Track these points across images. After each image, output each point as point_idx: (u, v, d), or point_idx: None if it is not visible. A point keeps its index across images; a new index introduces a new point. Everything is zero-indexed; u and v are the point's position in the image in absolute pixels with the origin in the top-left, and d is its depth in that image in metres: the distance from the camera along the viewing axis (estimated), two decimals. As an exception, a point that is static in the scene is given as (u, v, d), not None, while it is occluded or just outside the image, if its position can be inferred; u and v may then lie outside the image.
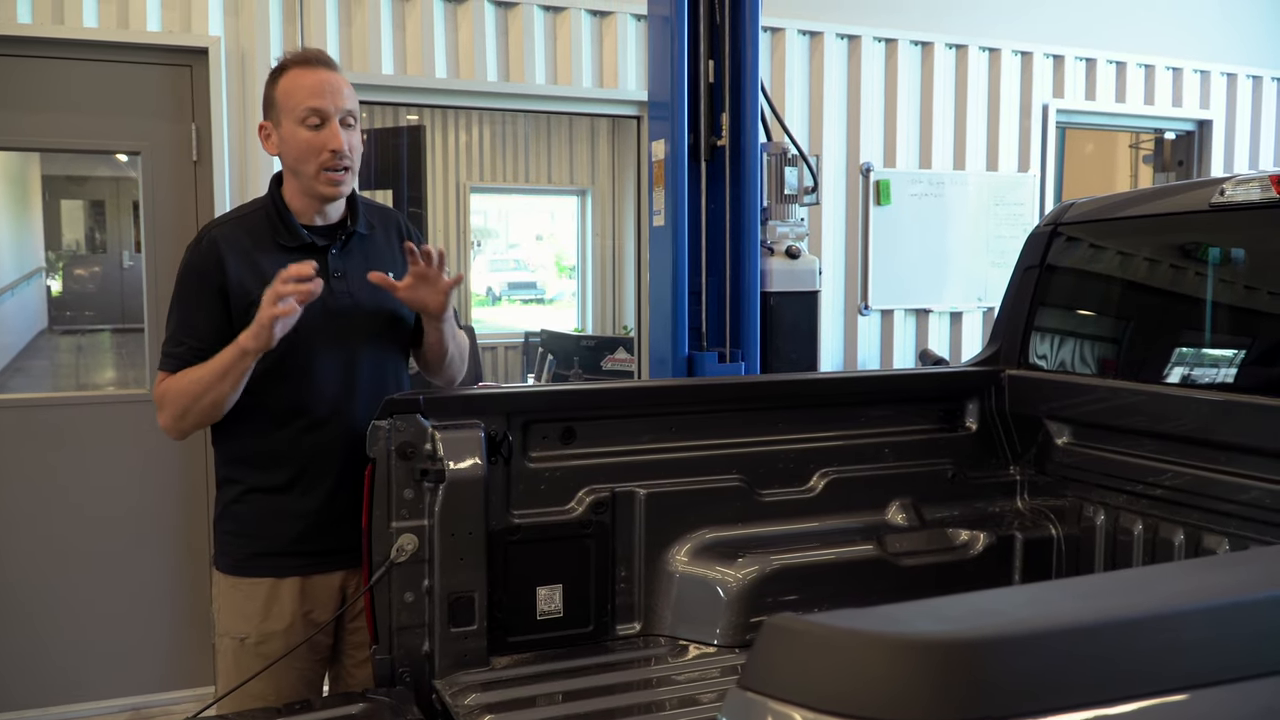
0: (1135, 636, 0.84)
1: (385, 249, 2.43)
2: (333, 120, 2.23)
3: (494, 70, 4.40)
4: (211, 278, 2.23)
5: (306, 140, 2.23)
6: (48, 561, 3.97)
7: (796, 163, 3.87)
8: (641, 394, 2.65)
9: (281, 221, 2.30)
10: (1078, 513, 2.64)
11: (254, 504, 2.31)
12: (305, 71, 2.25)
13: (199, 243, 2.30)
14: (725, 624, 2.36)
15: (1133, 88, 5.57)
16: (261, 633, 2.28)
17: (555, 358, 7.58)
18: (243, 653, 2.28)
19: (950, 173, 5.21)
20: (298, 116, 2.23)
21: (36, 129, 3.92)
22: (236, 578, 2.32)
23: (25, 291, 7.62)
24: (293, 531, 2.29)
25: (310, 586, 2.31)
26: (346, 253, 2.34)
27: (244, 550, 2.32)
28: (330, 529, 2.29)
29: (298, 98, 2.23)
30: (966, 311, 5.30)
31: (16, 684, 3.96)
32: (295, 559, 2.29)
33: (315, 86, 2.23)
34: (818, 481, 2.61)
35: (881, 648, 0.80)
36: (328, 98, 2.23)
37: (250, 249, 2.26)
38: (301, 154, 2.24)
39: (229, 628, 2.32)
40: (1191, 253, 2.55)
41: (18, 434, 3.95)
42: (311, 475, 2.28)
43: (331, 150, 2.22)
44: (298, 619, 2.29)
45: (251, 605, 2.29)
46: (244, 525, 2.32)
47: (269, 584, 2.29)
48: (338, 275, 2.30)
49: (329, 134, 2.23)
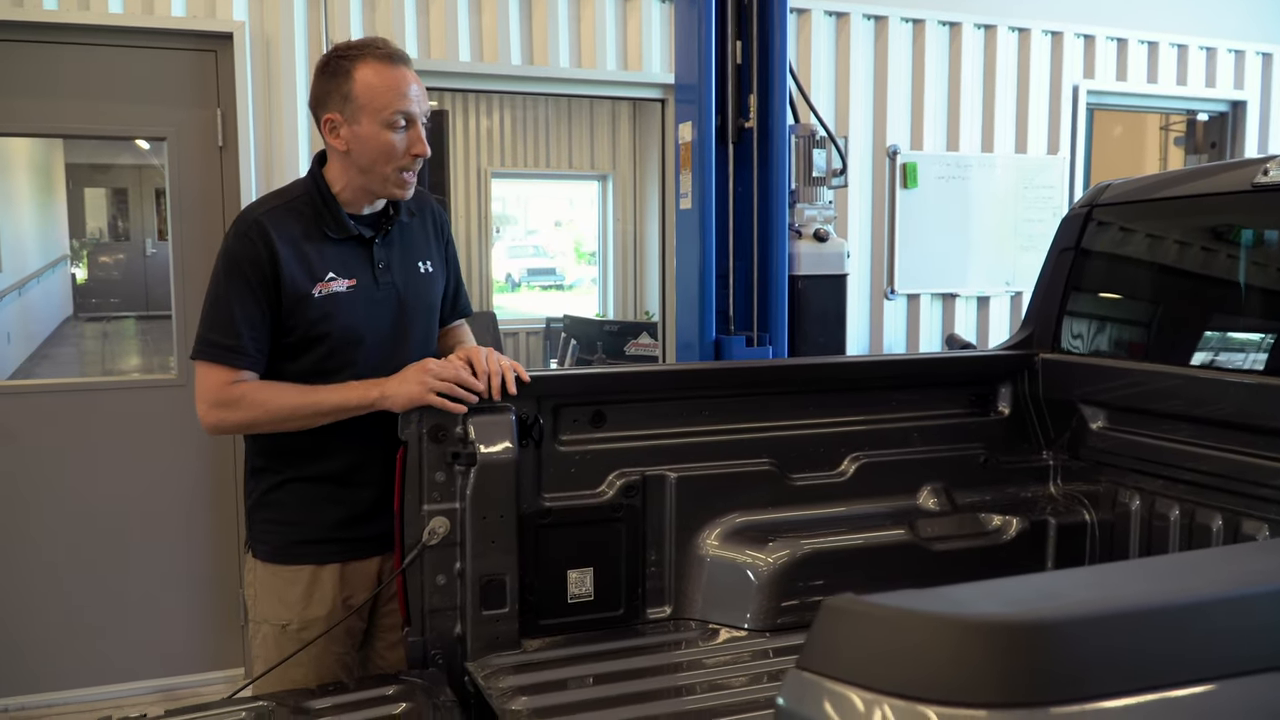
0: (1204, 619, 0.82)
1: (422, 236, 2.40)
2: (418, 124, 2.20)
3: (518, 53, 4.38)
4: (263, 267, 2.16)
5: (391, 143, 2.17)
6: (76, 545, 4.00)
7: (825, 145, 3.83)
8: (672, 378, 2.63)
9: (329, 212, 2.24)
10: (1112, 498, 2.61)
11: (294, 493, 2.29)
12: (388, 69, 2.17)
13: (248, 230, 2.19)
14: (756, 608, 2.35)
15: (1165, 68, 5.50)
16: (304, 619, 2.27)
17: (578, 343, 7.57)
18: (284, 639, 2.28)
19: (978, 155, 5.16)
20: (384, 119, 2.16)
21: (62, 115, 3.93)
22: (276, 565, 2.31)
23: (51, 279, 7.67)
24: (334, 519, 2.28)
25: (349, 572, 2.30)
26: (388, 242, 2.31)
27: (284, 538, 2.30)
28: (370, 517, 2.28)
29: (386, 99, 2.16)
30: (994, 296, 5.25)
31: (47, 666, 4.00)
32: (335, 545, 2.29)
33: (403, 88, 2.17)
34: (848, 466, 2.60)
35: (945, 629, 0.78)
36: (417, 101, 2.19)
37: (300, 240, 2.21)
38: (383, 155, 2.19)
39: (268, 614, 2.31)
40: (1231, 234, 2.51)
41: (46, 419, 3.98)
42: (355, 465, 2.27)
43: (415, 154, 2.20)
44: (338, 604, 2.29)
45: (293, 592, 2.29)
46: (284, 514, 2.31)
47: (310, 571, 2.28)
48: (381, 265, 2.27)
49: (414, 138, 2.19)
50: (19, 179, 6.15)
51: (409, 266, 2.33)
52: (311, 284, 2.19)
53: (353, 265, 2.24)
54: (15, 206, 6.00)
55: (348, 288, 2.22)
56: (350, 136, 2.19)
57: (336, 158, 2.25)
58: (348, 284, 2.22)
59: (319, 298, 2.19)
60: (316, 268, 2.20)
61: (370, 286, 2.25)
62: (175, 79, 4.01)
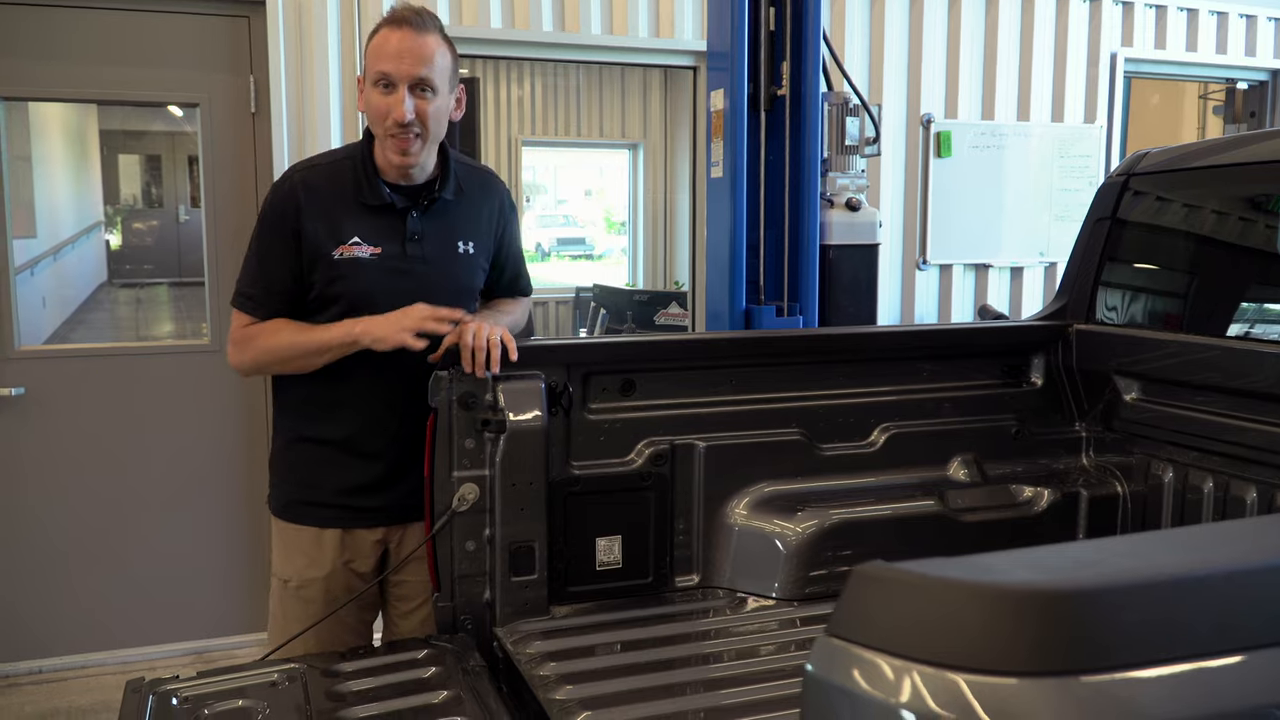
0: (1242, 588, 0.81)
1: (470, 217, 2.39)
2: (400, 87, 2.17)
3: (549, 20, 4.35)
4: (288, 222, 2.24)
5: (375, 104, 2.20)
6: (110, 508, 4.06)
7: (858, 113, 3.79)
8: (701, 347, 2.63)
9: (365, 177, 2.27)
10: (1145, 470, 2.59)
11: (303, 453, 2.34)
12: (391, 32, 2.18)
13: (282, 183, 2.29)
14: (784, 577, 2.36)
15: (1204, 36, 5.39)
16: (302, 578, 2.33)
17: (608, 312, 7.56)
18: (285, 594, 2.35)
19: (1013, 124, 5.08)
20: (371, 78, 2.20)
21: (96, 81, 3.95)
22: (283, 522, 2.38)
23: (85, 245, 7.73)
24: (338, 485, 2.32)
25: (351, 538, 2.34)
26: (428, 215, 2.31)
27: (290, 496, 2.37)
28: (376, 489, 2.31)
29: (375, 59, 2.19)
30: (1028, 267, 5.20)
31: (81, 627, 4.07)
32: (337, 511, 2.32)
33: (393, 49, 2.17)
34: (878, 436, 2.59)
35: (976, 597, 0.78)
36: (401, 62, 2.16)
37: (331, 201, 2.25)
38: (372, 117, 2.23)
39: (276, 568, 2.40)
40: (1270, 204, 2.47)
41: (81, 384, 4.03)
42: (363, 434, 2.30)
43: (394, 118, 2.18)
44: (338, 567, 2.33)
45: (296, 551, 2.35)
46: (291, 473, 2.37)
47: (313, 532, 2.33)
48: (414, 238, 2.28)
49: (394, 100, 2.17)
50: (54, 145, 6.19)
51: (445, 243, 2.33)
52: (333, 245, 2.22)
53: (382, 233, 2.26)
54: (50, 173, 6.05)
55: (370, 255, 2.25)
56: (365, 97, 2.25)
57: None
58: (371, 251, 2.25)
59: (338, 259, 2.23)
60: (342, 230, 2.23)
61: (397, 256, 2.26)
62: (208, 45, 4.02)
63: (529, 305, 2.66)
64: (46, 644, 4.05)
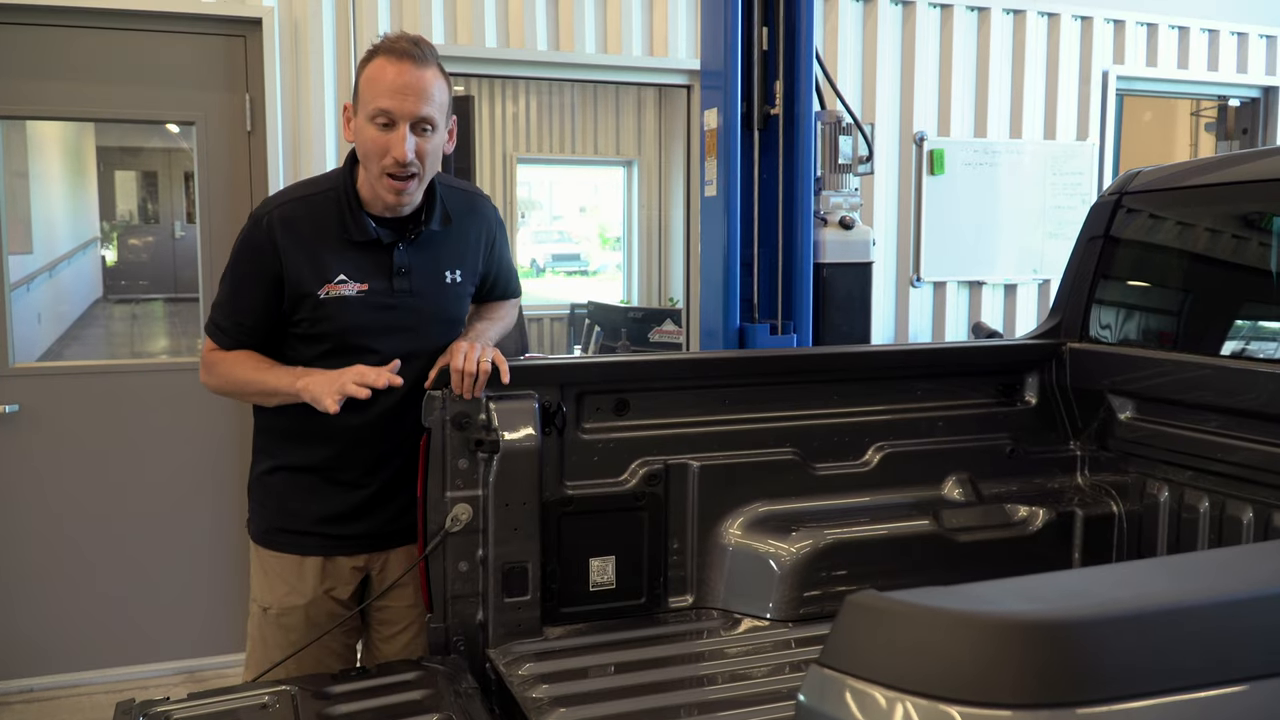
0: (1233, 619, 0.81)
1: (457, 245, 2.32)
2: (401, 125, 2.08)
3: (544, 39, 4.37)
4: (268, 263, 2.17)
5: (372, 139, 2.10)
6: (102, 526, 4.05)
7: (851, 131, 3.80)
8: (695, 366, 2.62)
9: (350, 212, 2.19)
10: (1140, 489, 2.59)
11: (281, 480, 2.31)
12: (390, 63, 2.08)
13: (259, 222, 2.19)
14: (778, 598, 2.35)
15: (1196, 53, 5.42)
16: (283, 605, 2.29)
17: (602, 329, 7.56)
18: (265, 621, 2.31)
19: (1006, 141, 5.11)
20: (369, 112, 2.09)
21: (93, 100, 3.95)
22: (263, 549, 2.34)
23: (81, 261, 7.73)
24: (318, 513, 2.28)
25: (332, 565, 2.30)
26: (414, 247, 2.24)
27: (269, 524, 2.33)
28: (355, 517, 2.28)
29: (373, 92, 2.09)
30: (1021, 284, 5.21)
31: (72, 646, 4.05)
32: (318, 539, 2.29)
33: (394, 85, 2.07)
34: (873, 455, 2.58)
35: (969, 627, 0.77)
36: (404, 100, 2.07)
37: (312, 239, 2.18)
38: (367, 152, 2.13)
39: (254, 594, 2.36)
40: (1263, 222, 2.47)
41: (76, 401, 4.02)
42: (344, 463, 2.27)
43: (393, 158, 2.09)
44: (319, 595, 2.30)
45: (276, 578, 2.31)
46: (272, 500, 2.33)
47: (293, 560, 2.30)
48: (401, 272, 2.22)
49: (395, 139, 2.08)
50: (51, 161, 6.20)
51: (433, 275, 2.28)
52: (318, 285, 2.17)
53: (368, 269, 2.20)
54: (47, 189, 6.05)
55: (357, 292, 2.19)
56: (355, 128, 2.16)
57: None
58: (358, 288, 2.19)
59: (324, 299, 2.18)
60: (328, 269, 2.18)
61: (384, 292, 2.21)
62: (205, 64, 4.02)
63: (517, 304, 2.62)
64: (37, 662, 4.03)
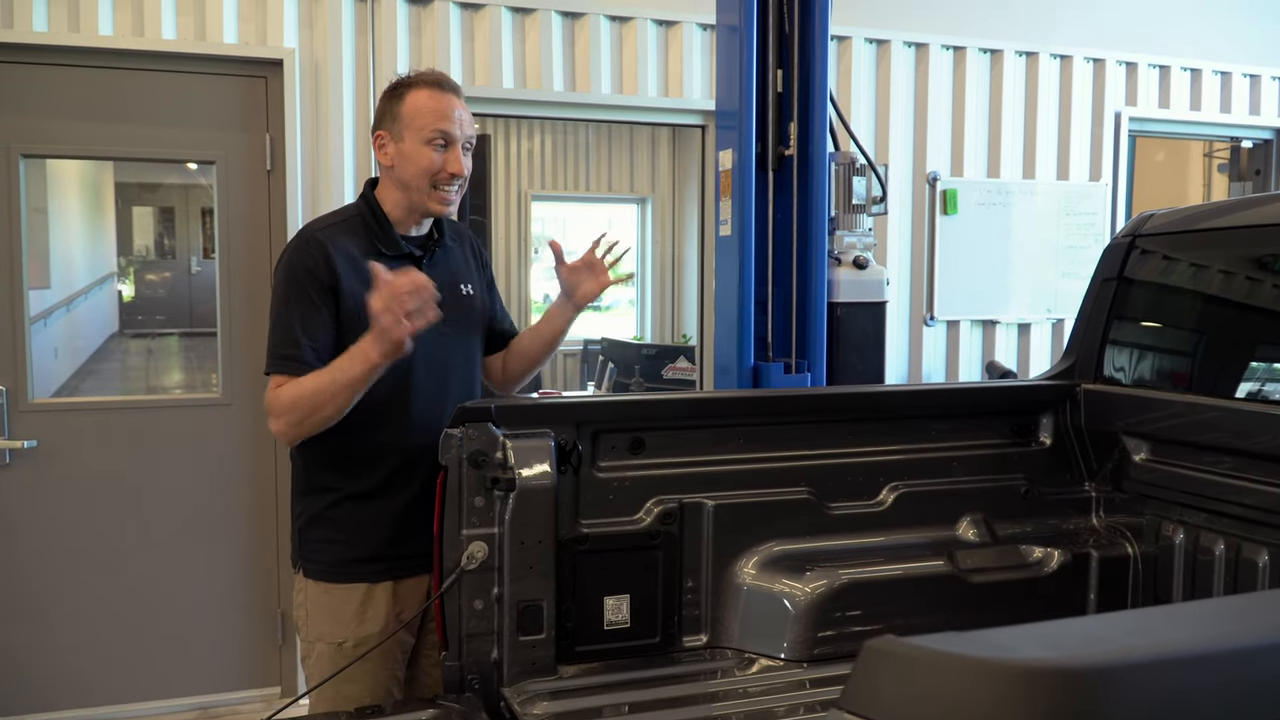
0: (1253, 665, 0.81)
1: (462, 260, 2.56)
2: (456, 145, 2.36)
3: (560, 80, 4.42)
4: (324, 278, 2.26)
5: (430, 159, 2.34)
6: (117, 561, 4.06)
7: (865, 172, 3.83)
8: (711, 405, 2.63)
9: (381, 230, 2.38)
10: (1155, 531, 2.58)
11: (348, 510, 2.35)
12: (437, 94, 2.35)
13: (305, 243, 2.31)
14: (793, 638, 2.34)
15: (1208, 95, 5.45)
16: (358, 637, 2.33)
17: (616, 366, 7.56)
18: (340, 656, 2.32)
19: (1019, 182, 5.14)
20: (425, 136, 2.33)
21: (116, 139, 4.02)
22: (329, 584, 2.36)
23: (98, 296, 7.80)
24: (384, 537, 2.35)
25: (401, 589, 2.37)
26: (434, 263, 2.44)
27: (337, 556, 2.36)
28: (418, 533, 2.30)
29: (427, 118, 2.33)
30: (1035, 323, 5.21)
31: (85, 681, 4.05)
32: (387, 564, 2.35)
33: (446, 111, 2.35)
34: (887, 495, 2.58)
35: (989, 674, 0.78)
36: (461, 124, 2.36)
37: (356, 255, 2.32)
38: (419, 170, 2.35)
39: (323, 633, 2.36)
40: (1277, 265, 2.48)
41: (94, 436, 4.04)
42: (401, 480, 2.34)
43: (451, 173, 2.35)
44: (391, 621, 2.35)
45: (347, 610, 2.34)
46: (338, 532, 2.36)
47: (364, 589, 2.34)
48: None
49: (451, 157, 2.35)
50: (70, 197, 6.28)
51: (453, 287, 2.45)
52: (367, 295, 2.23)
53: None
54: (66, 224, 6.12)
55: None
56: (395, 153, 2.36)
57: (385, 176, 2.41)
58: None
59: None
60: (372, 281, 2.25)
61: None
62: (226, 104, 4.09)
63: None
64: (53, 697, 4.03)
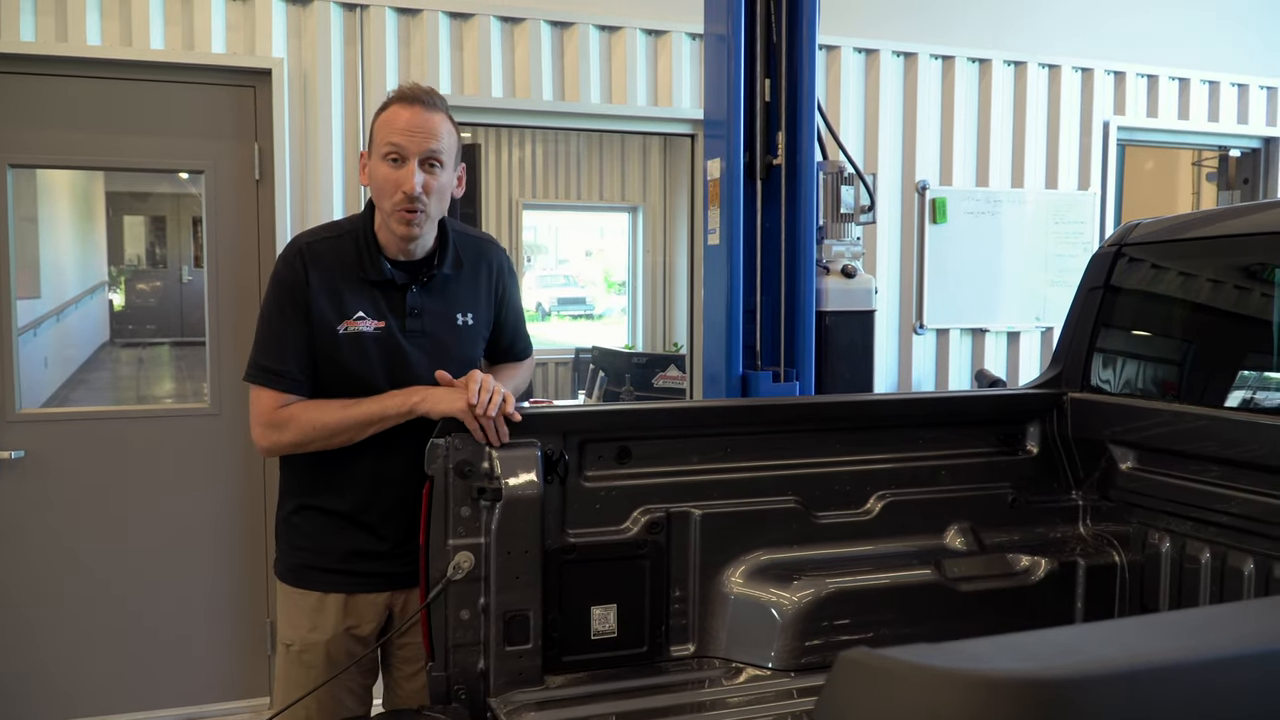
0: (1230, 676, 0.81)
1: (469, 288, 2.43)
2: (410, 161, 2.22)
3: (549, 89, 4.43)
4: (299, 295, 2.27)
5: (384, 176, 2.24)
6: (107, 572, 4.04)
7: (853, 181, 3.84)
8: (698, 414, 2.63)
9: (368, 252, 2.31)
10: (1142, 539, 2.58)
11: (308, 520, 2.38)
12: (402, 108, 2.24)
13: (289, 256, 2.31)
14: (780, 647, 2.34)
15: (1196, 104, 5.47)
16: (305, 642, 2.35)
17: (606, 375, 7.57)
18: (288, 659, 2.38)
19: (1008, 190, 5.15)
20: (381, 151, 2.24)
21: (105, 149, 4.01)
22: (289, 586, 2.40)
23: (88, 305, 7.78)
24: (343, 550, 2.35)
25: (354, 603, 2.36)
26: (427, 290, 2.35)
27: (295, 561, 2.40)
28: (379, 556, 2.35)
29: (385, 133, 2.24)
30: (1024, 331, 5.23)
31: (77, 692, 4.03)
32: (341, 577, 2.35)
33: (404, 124, 2.22)
34: (874, 504, 2.58)
35: (959, 685, 0.78)
36: (413, 137, 2.22)
37: (335, 275, 2.29)
38: (379, 189, 2.26)
39: (281, 633, 2.42)
40: (1264, 274, 2.49)
41: (82, 446, 4.03)
42: (368, 504, 2.34)
43: (404, 191, 2.22)
44: (340, 633, 2.35)
45: (300, 615, 2.37)
46: (298, 538, 2.39)
47: (316, 597, 2.36)
48: (414, 313, 2.32)
49: (404, 174, 2.22)
50: (61, 206, 6.27)
51: (444, 317, 2.37)
52: (338, 320, 2.27)
53: (384, 308, 2.31)
54: (56, 233, 6.11)
55: (375, 329, 2.29)
56: (369, 170, 2.30)
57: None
58: (376, 325, 2.29)
59: (342, 335, 2.27)
60: (347, 305, 2.27)
61: (398, 332, 2.31)
62: (215, 114, 4.08)
63: (531, 366, 2.72)
64: (42, 710, 4.00)
